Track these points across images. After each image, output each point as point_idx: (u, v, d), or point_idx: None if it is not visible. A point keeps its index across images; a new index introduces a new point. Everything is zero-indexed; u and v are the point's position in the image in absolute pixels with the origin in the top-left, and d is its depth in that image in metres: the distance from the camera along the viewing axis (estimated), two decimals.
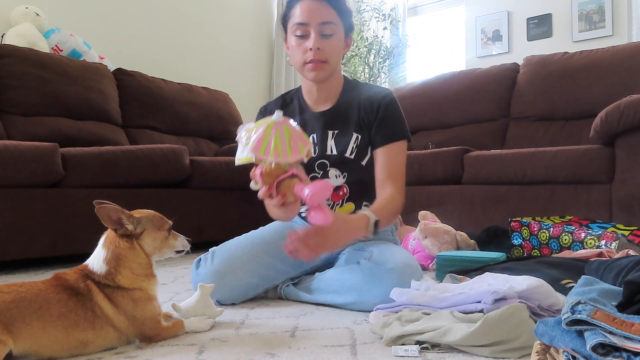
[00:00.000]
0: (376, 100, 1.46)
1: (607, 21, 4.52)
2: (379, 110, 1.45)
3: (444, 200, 2.66)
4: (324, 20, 1.37)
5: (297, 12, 1.38)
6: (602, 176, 2.26)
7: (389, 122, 1.45)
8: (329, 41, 1.39)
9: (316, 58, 1.38)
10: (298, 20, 1.38)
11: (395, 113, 1.47)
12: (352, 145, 1.47)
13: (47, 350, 0.95)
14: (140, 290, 1.05)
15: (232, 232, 1.93)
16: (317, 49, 1.37)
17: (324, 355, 0.97)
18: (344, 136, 1.48)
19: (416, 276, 1.30)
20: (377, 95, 1.48)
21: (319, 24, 1.37)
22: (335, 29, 1.39)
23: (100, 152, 2.33)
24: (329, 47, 1.39)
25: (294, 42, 1.41)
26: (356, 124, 1.47)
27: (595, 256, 1.63)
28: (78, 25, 3.28)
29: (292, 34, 1.41)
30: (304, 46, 1.39)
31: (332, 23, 1.38)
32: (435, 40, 5.83)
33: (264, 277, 1.46)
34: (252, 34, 4.67)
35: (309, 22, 1.37)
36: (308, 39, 1.38)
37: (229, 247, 1.49)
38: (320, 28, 1.37)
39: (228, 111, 3.77)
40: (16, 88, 2.68)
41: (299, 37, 1.39)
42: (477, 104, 3.32)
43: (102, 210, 1.04)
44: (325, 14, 1.37)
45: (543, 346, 0.78)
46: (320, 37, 1.37)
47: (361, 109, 1.47)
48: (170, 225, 1.14)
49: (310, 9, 1.37)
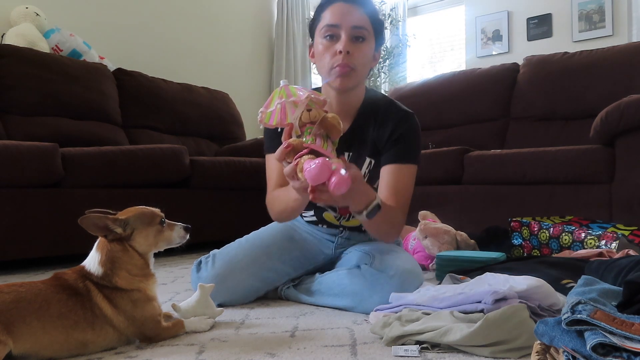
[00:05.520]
0: (393, 122, 1.38)
1: (607, 21, 4.52)
2: (394, 131, 1.37)
3: (444, 200, 2.66)
4: (357, 24, 1.30)
5: (329, 14, 1.31)
6: (602, 176, 2.26)
7: (402, 143, 1.37)
8: (360, 46, 1.31)
9: (344, 62, 1.29)
10: (329, 21, 1.30)
11: (411, 136, 1.38)
12: (364, 170, 1.42)
13: (47, 351, 0.95)
14: (138, 291, 1.05)
15: (232, 232, 1.93)
16: (347, 52, 1.28)
17: (324, 355, 0.97)
18: (358, 159, 1.41)
19: (417, 282, 1.29)
20: (396, 116, 1.39)
21: (352, 27, 1.29)
22: (367, 36, 1.32)
23: (100, 152, 2.33)
24: (359, 52, 1.31)
25: (321, 45, 1.32)
26: (370, 147, 1.40)
27: (595, 256, 1.63)
28: (78, 25, 3.28)
29: (321, 36, 1.32)
30: (333, 49, 1.30)
31: (365, 29, 1.31)
32: (435, 40, 5.83)
33: (265, 280, 1.46)
34: (252, 34, 4.67)
35: (341, 24, 1.29)
36: (338, 41, 1.30)
37: (229, 251, 1.47)
38: (353, 32, 1.29)
39: (228, 111, 3.77)
40: (16, 88, 2.68)
41: (329, 39, 1.31)
42: (477, 104, 3.32)
43: (86, 221, 1.01)
44: (359, 18, 1.30)
45: (543, 346, 0.78)
46: (351, 40, 1.29)
47: (377, 131, 1.39)
48: (161, 218, 1.11)
49: (343, 11, 1.30)
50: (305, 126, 1.06)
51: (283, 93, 1.06)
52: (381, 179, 1.38)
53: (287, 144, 1.05)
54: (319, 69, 1.37)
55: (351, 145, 1.41)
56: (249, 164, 2.89)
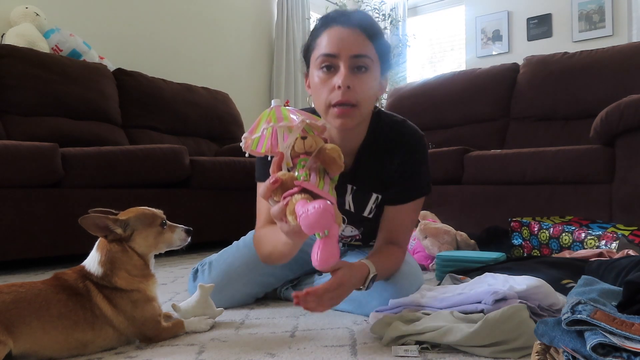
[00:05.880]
0: (402, 153, 1.24)
1: (607, 21, 4.52)
2: (402, 164, 1.24)
3: (444, 201, 2.66)
4: (358, 53, 1.10)
5: (325, 41, 1.12)
6: (602, 176, 2.26)
7: (411, 180, 1.25)
8: (362, 78, 1.12)
9: (344, 99, 1.09)
10: (325, 50, 1.11)
11: (416, 166, 1.25)
12: (371, 206, 1.30)
13: (47, 351, 0.95)
14: (138, 292, 1.05)
15: (232, 232, 1.93)
16: (347, 87, 1.09)
17: (324, 355, 0.97)
18: (364, 195, 1.29)
19: (416, 287, 1.27)
20: (404, 147, 1.25)
21: (351, 57, 1.10)
22: (370, 65, 1.12)
23: (100, 152, 2.33)
24: (361, 86, 1.11)
25: (317, 77, 1.13)
26: (376, 181, 1.27)
27: (595, 256, 1.63)
28: (78, 25, 3.28)
29: (317, 67, 1.13)
30: (330, 83, 1.11)
31: (367, 57, 1.12)
32: (435, 40, 5.83)
33: (262, 285, 1.45)
34: (252, 34, 4.67)
35: (339, 54, 1.10)
36: (336, 74, 1.11)
37: (226, 258, 1.43)
38: (353, 61, 1.10)
39: (228, 111, 3.77)
40: (16, 88, 2.68)
41: (325, 71, 1.12)
42: (477, 104, 3.32)
43: (86, 221, 1.01)
44: (360, 45, 1.11)
45: (543, 346, 0.78)
46: (351, 72, 1.10)
47: (383, 163, 1.26)
48: (162, 219, 1.10)
49: (341, 37, 1.11)
50: (298, 157, 0.91)
51: (272, 116, 0.89)
52: (385, 217, 1.28)
53: (275, 179, 0.89)
54: (316, 103, 1.18)
55: (354, 179, 1.27)
56: (249, 164, 2.89)
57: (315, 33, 1.17)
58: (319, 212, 0.81)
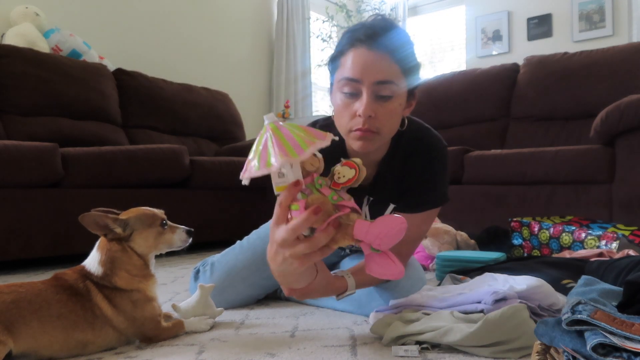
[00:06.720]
0: (421, 164, 1.21)
1: (607, 21, 4.52)
2: (421, 175, 1.21)
3: None
4: (382, 79, 1.04)
5: (349, 62, 1.06)
6: (602, 176, 2.26)
7: (421, 186, 1.21)
8: (385, 106, 1.06)
9: (365, 128, 1.05)
10: (348, 74, 1.05)
11: (432, 175, 1.21)
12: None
13: (47, 351, 0.95)
14: (138, 292, 1.05)
15: (232, 232, 1.93)
16: (369, 116, 1.04)
17: (324, 355, 0.97)
18: (380, 205, 1.25)
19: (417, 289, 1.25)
20: (421, 153, 1.21)
21: (375, 83, 1.04)
22: (395, 91, 1.06)
23: (100, 152, 2.33)
24: (383, 114, 1.06)
25: (340, 100, 1.09)
26: (394, 192, 1.24)
27: (595, 256, 1.63)
28: (78, 25, 3.28)
29: (339, 89, 1.08)
30: (352, 109, 1.06)
31: (393, 83, 1.05)
32: (436, 40, 5.83)
33: (264, 287, 1.44)
34: (252, 34, 4.67)
35: (362, 79, 1.04)
36: (358, 99, 1.05)
37: (228, 259, 1.42)
38: (376, 88, 1.04)
39: (228, 111, 3.77)
40: (16, 88, 2.68)
41: (348, 96, 1.07)
42: (477, 104, 3.32)
43: (87, 219, 1.01)
44: (385, 71, 1.04)
45: (543, 346, 0.78)
46: (373, 100, 1.05)
47: (402, 174, 1.22)
48: (163, 220, 1.09)
49: (365, 62, 1.04)
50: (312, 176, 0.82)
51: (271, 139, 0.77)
52: None
53: (316, 208, 0.77)
54: (337, 124, 1.14)
55: (373, 191, 1.24)
56: None
57: (342, 47, 1.10)
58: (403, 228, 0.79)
